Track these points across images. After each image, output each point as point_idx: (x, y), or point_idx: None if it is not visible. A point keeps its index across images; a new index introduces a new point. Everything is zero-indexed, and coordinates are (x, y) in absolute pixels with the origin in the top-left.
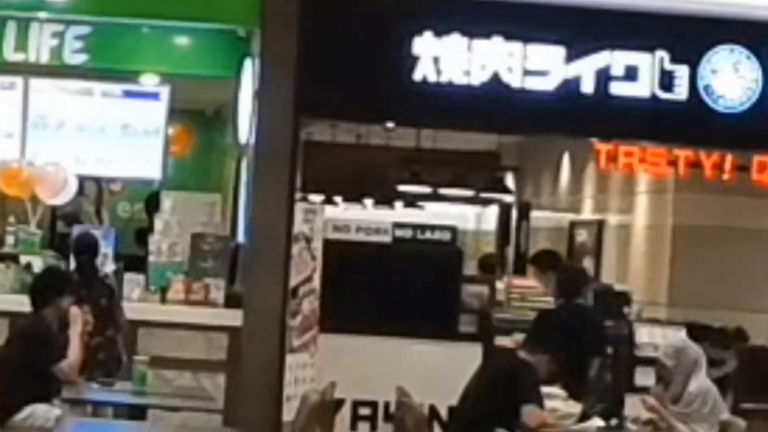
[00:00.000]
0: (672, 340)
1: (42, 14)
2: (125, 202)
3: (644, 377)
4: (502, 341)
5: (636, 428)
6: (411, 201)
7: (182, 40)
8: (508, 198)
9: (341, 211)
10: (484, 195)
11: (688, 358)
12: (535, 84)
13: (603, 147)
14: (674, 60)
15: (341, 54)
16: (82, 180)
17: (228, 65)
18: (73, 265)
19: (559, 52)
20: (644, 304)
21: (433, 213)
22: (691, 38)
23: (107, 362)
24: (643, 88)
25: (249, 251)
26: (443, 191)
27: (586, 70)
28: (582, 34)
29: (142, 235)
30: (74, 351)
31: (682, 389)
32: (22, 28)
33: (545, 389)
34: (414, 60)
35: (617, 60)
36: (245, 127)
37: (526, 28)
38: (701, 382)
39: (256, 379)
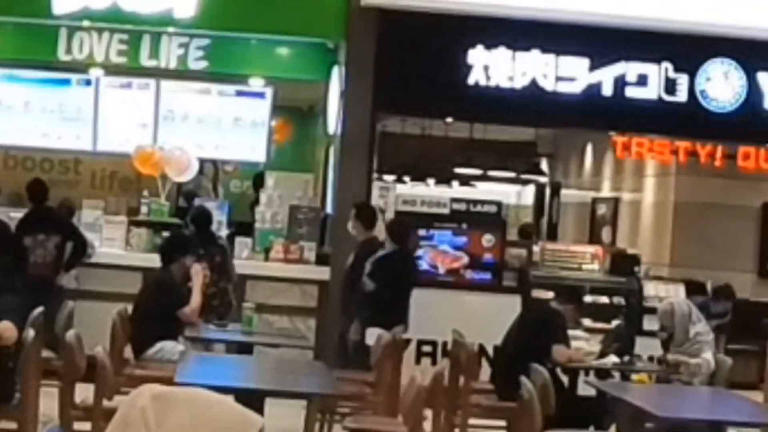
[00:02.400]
0: (663, 305)
1: (170, 29)
2: (237, 180)
3: (650, 323)
4: (537, 293)
5: (642, 363)
6: (465, 181)
7: (283, 50)
8: (543, 179)
9: (409, 188)
10: (523, 176)
11: (681, 314)
12: (565, 88)
13: (619, 138)
14: (676, 70)
15: (409, 63)
16: (202, 162)
17: (319, 71)
18: (193, 230)
19: (584, 62)
20: (651, 265)
21: (483, 190)
22: (689, 52)
23: (221, 308)
24: (651, 92)
25: (335, 220)
26: (490, 173)
27: (605, 77)
28: (603, 48)
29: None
30: (195, 299)
31: (684, 336)
32: (154, 40)
33: (571, 332)
34: (468, 68)
35: (631, 69)
36: (333, 121)
37: (558, 43)
38: (697, 328)
39: (341, 322)
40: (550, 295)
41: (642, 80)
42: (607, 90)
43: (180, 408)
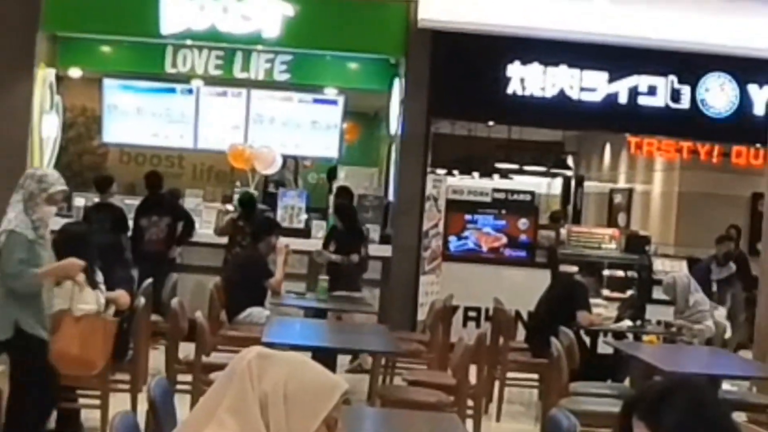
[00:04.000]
0: (666, 279)
1: (259, 46)
2: (313, 173)
3: (658, 293)
4: (564, 268)
5: (652, 327)
6: (503, 174)
7: (353, 65)
8: (569, 173)
9: (457, 180)
10: (552, 170)
11: (682, 286)
12: (587, 97)
13: (632, 139)
14: (680, 82)
15: (458, 75)
16: (285, 158)
17: (383, 82)
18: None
19: (604, 75)
20: (659, 244)
21: (518, 182)
22: (691, 67)
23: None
24: (659, 100)
25: (396, 206)
26: (525, 167)
27: (621, 87)
28: (619, 63)
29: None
30: (279, 272)
31: (684, 305)
32: (246, 56)
33: (592, 300)
34: (507, 80)
35: (642, 81)
36: (394, 123)
37: (582, 59)
38: (695, 297)
39: (400, 292)
40: (575, 269)
41: (652, 90)
42: (623, 98)
43: (279, 366)
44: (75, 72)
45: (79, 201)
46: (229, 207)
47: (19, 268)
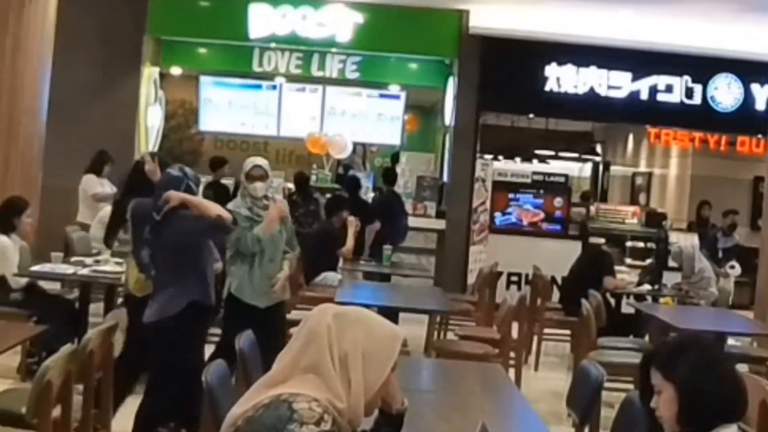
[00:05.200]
0: (674, 248)
1: (333, 49)
2: (379, 157)
3: (673, 262)
4: (593, 240)
5: (667, 290)
6: (541, 159)
7: (413, 65)
8: (597, 158)
9: (502, 164)
10: (583, 156)
11: (687, 254)
12: (613, 94)
13: (652, 130)
14: (694, 81)
15: (503, 75)
16: (355, 144)
17: (439, 80)
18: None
19: (628, 75)
20: (673, 220)
21: (554, 166)
22: (703, 68)
23: (369, 249)
24: (675, 97)
25: (449, 186)
26: (560, 154)
27: (643, 86)
28: (641, 65)
29: (387, 174)
30: (350, 241)
31: (690, 271)
32: (321, 57)
33: (617, 267)
34: (545, 79)
35: (661, 80)
36: (448, 116)
37: (609, 61)
38: (700, 264)
39: (452, 259)
40: (602, 241)
41: (669, 88)
42: (644, 95)
43: (354, 325)
44: (176, 70)
45: None
46: (290, 185)
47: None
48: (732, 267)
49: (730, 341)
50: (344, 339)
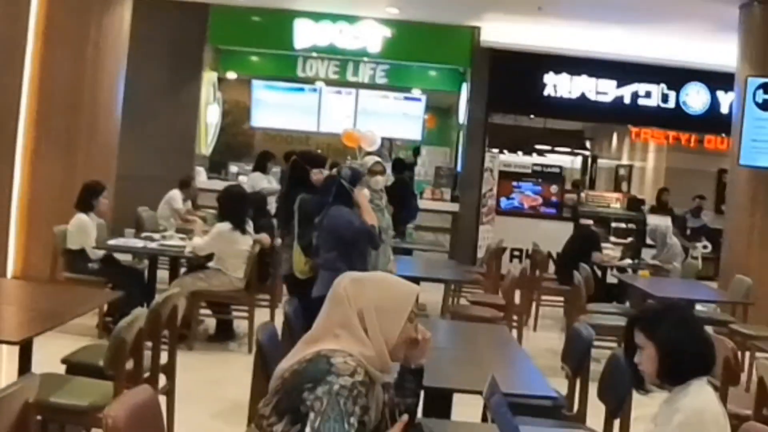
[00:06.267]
0: (650, 226)
1: (365, 58)
2: (403, 150)
3: (649, 238)
4: (583, 221)
5: (645, 264)
6: (540, 153)
7: (433, 72)
8: (587, 153)
9: (507, 157)
10: (575, 151)
11: (660, 233)
12: (601, 98)
13: (633, 129)
14: (669, 88)
15: (508, 81)
16: (383, 139)
17: (454, 85)
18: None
19: (613, 83)
20: (650, 204)
21: (551, 159)
22: (676, 78)
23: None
24: (653, 101)
25: (462, 175)
26: (556, 149)
27: (626, 92)
28: (624, 74)
29: (399, 163)
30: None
31: (662, 247)
32: (356, 65)
33: (603, 244)
34: (544, 85)
35: (641, 87)
36: (462, 115)
37: (598, 71)
38: (671, 241)
39: (465, 237)
40: (591, 222)
41: (647, 94)
42: (627, 100)
43: (367, 286)
44: (231, 75)
45: (233, 168)
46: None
47: None
48: (705, 247)
49: (698, 307)
50: (360, 298)
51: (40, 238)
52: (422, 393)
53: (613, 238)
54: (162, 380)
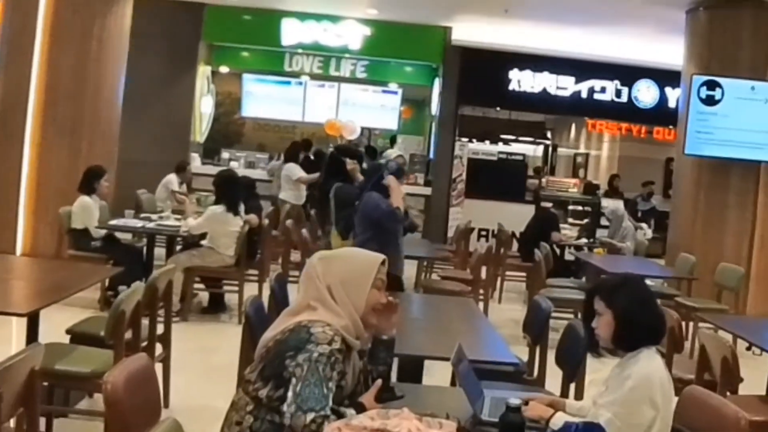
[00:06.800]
0: (609, 208)
1: (347, 55)
2: (381, 139)
3: (604, 221)
4: (543, 204)
5: (598, 243)
6: (505, 142)
7: (408, 68)
8: (548, 142)
9: (475, 145)
10: (537, 140)
11: (617, 215)
12: (561, 93)
13: (590, 121)
14: (622, 84)
15: (477, 77)
16: (363, 128)
17: (427, 80)
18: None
19: (572, 79)
20: (605, 189)
21: (515, 148)
22: (629, 75)
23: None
24: (608, 96)
25: (434, 162)
26: (519, 138)
27: (583, 87)
28: (582, 71)
29: (370, 150)
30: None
31: (618, 228)
32: (338, 61)
33: (561, 225)
34: (509, 80)
35: (597, 83)
36: (434, 107)
37: (558, 68)
38: (625, 224)
39: (436, 218)
40: (550, 205)
41: (603, 90)
42: (584, 95)
43: (333, 263)
44: (224, 69)
45: (225, 155)
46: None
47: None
48: (643, 232)
49: (647, 282)
50: (328, 274)
51: (46, 218)
52: (395, 360)
53: (570, 220)
54: (158, 349)
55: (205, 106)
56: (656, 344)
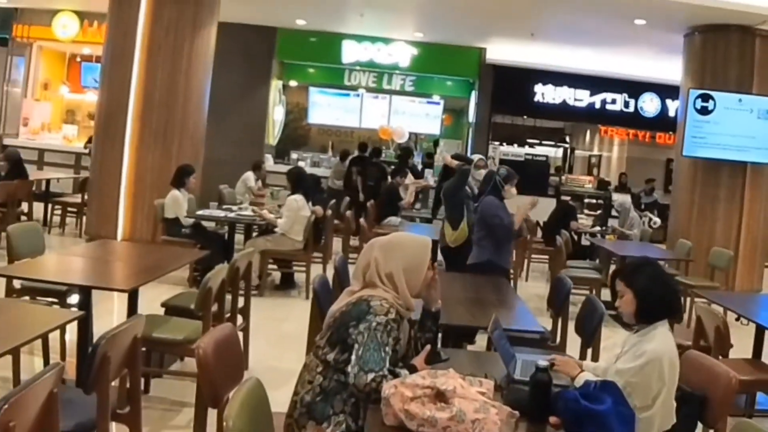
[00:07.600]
0: (618, 201)
1: (397, 71)
2: (425, 142)
3: (614, 212)
4: (564, 198)
5: (610, 230)
6: (531, 145)
7: (449, 82)
8: (566, 145)
9: (505, 147)
10: (557, 144)
11: (625, 208)
12: (578, 104)
13: (602, 127)
14: (629, 97)
15: (507, 90)
16: (410, 133)
17: (465, 92)
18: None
19: (587, 92)
20: (615, 185)
21: (539, 150)
22: (635, 89)
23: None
24: (617, 107)
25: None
26: (543, 142)
27: (597, 99)
28: (595, 86)
29: (406, 151)
30: (408, 196)
31: (626, 218)
32: (390, 76)
33: (579, 215)
34: (534, 93)
35: (608, 96)
36: (471, 115)
37: (575, 83)
38: (632, 214)
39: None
40: (569, 198)
41: (613, 101)
42: (597, 105)
43: (395, 250)
44: (293, 83)
45: (294, 155)
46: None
47: None
48: (654, 222)
49: None
50: (390, 261)
51: (143, 209)
52: (440, 330)
53: (586, 211)
54: (239, 319)
55: (277, 114)
56: (675, 316)
